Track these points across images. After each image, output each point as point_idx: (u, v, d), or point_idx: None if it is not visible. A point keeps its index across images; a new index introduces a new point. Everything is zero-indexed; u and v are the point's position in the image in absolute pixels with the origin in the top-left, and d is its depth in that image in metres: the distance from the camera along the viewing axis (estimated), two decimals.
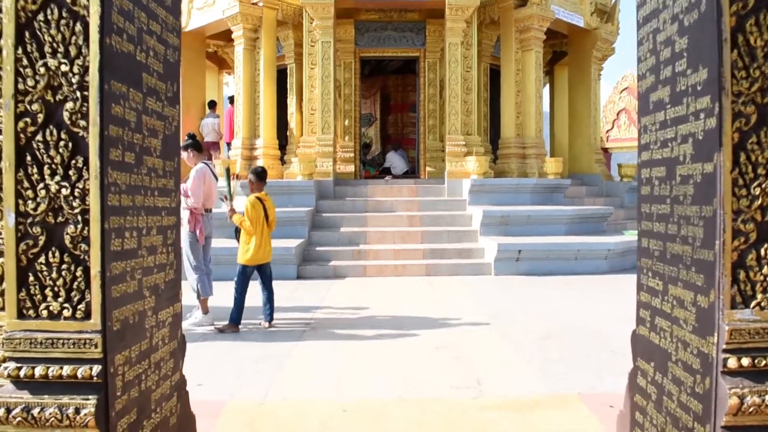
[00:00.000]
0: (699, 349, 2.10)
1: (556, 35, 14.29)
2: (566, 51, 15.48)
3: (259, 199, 6.32)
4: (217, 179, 6.91)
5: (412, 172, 14.49)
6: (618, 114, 25.07)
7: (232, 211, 6.48)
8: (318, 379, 4.46)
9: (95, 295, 1.94)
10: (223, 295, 7.63)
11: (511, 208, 10.63)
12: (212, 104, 15.70)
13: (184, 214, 6.61)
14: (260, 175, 6.50)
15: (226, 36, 13.66)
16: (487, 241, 9.99)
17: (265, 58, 12.73)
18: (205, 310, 6.55)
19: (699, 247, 2.11)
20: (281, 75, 13.87)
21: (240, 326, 6.19)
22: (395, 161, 14.45)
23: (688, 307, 2.19)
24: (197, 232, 6.53)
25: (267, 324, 6.25)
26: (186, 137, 6.91)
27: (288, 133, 14.06)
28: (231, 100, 14.99)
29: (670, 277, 2.35)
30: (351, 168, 13.02)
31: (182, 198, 6.56)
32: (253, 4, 12.62)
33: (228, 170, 6.80)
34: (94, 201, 1.94)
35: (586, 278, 9.16)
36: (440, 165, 13.01)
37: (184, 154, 6.95)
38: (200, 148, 6.88)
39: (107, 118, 1.96)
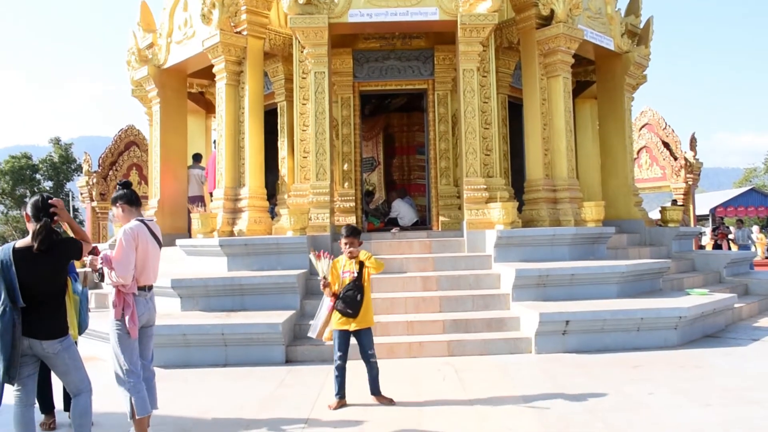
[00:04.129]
0: None
1: (580, 62, 12.50)
2: (590, 80, 13.71)
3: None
4: (160, 242, 4.95)
5: (422, 223, 12.54)
6: (638, 152, 23.04)
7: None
8: None
9: None
10: (189, 393, 5.63)
11: (549, 266, 8.55)
12: (197, 157, 13.95)
13: (112, 295, 4.69)
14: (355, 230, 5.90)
15: (210, 74, 11.88)
16: (522, 308, 7.97)
17: (251, 93, 10.91)
18: None
19: None
20: (271, 116, 12.08)
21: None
22: (403, 210, 12.49)
23: None
24: (126, 320, 4.56)
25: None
26: (117, 187, 5.01)
27: (279, 182, 12.21)
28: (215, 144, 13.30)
29: None
30: (351, 219, 11.08)
31: (106, 271, 4.60)
32: (236, 33, 10.88)
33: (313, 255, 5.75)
34: None
35: (657, 357, 7.05)
36: (456, 214, 11.09)
37: (113, 210, 5.05)
38: (134, 200, 4.92)
39: None
